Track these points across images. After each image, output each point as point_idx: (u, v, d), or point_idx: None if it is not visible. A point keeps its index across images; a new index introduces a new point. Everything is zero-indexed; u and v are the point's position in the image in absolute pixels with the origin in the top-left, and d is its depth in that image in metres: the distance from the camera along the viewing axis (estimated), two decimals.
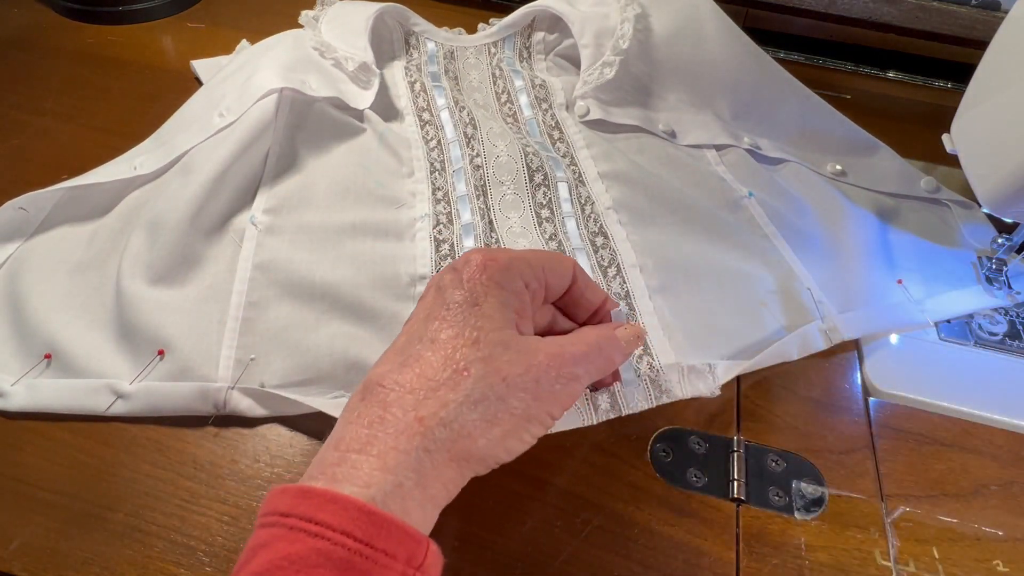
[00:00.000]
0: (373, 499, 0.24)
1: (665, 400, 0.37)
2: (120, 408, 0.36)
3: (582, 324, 0.34)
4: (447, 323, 0.28)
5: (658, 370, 0.38)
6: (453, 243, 0.44)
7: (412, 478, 0.25)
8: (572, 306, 0.34)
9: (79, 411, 0.36)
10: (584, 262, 0.43)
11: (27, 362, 0.38)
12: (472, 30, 0.61)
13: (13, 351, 0.38)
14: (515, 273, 0.30)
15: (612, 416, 0.36)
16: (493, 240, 0.44)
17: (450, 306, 0.29)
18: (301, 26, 0.57)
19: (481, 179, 0.48)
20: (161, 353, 0.38)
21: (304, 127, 0.49)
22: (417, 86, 0.56)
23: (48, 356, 0.38)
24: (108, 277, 0.41)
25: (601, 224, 0.45)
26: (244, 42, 0.60)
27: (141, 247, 0.41)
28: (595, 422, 0.36)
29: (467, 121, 0.52)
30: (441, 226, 0.45)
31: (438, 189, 0.48)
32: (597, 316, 0.34)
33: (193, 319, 0.39)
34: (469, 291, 0.29)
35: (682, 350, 0.39)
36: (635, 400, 0.37)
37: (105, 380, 0.37)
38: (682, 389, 0.37)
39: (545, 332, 0.33)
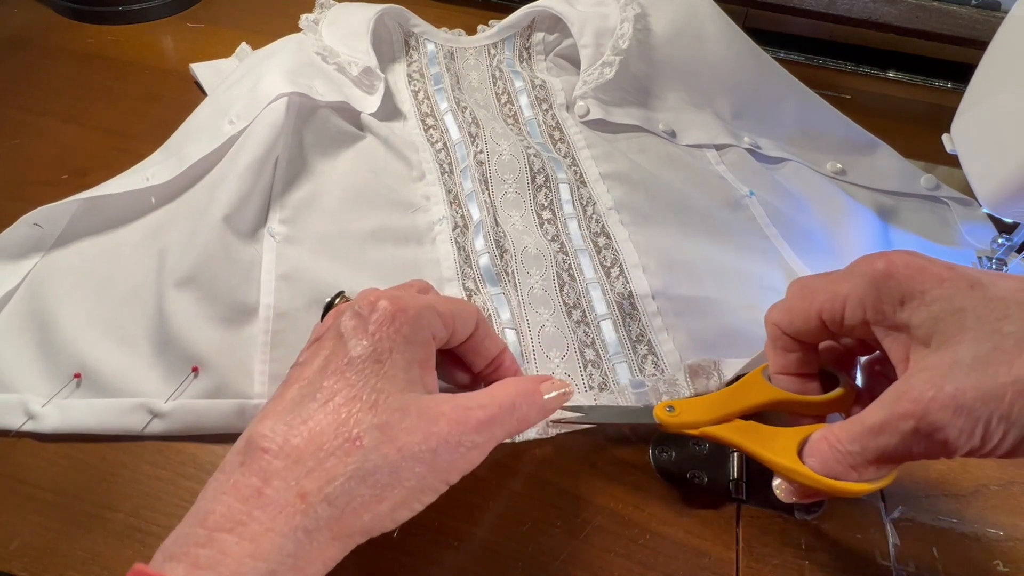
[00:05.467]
0: None
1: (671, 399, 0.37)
2: (156, 427, 0.35)
3: (477, 374, 0.33)
4: (346, 381, 0.26)
5: (663, 369, 0.38)
6: (465, 245, 0.44)
7: (288, 563, 0.23)
8: (471, 354, 0.32)
9: (114, 431, 0.35)
10: (587, 263, 0.43)
11: (56, 382, 0.37)
12: (472, 31, 0.61)
13: (41, 371, 0.37)
14: (424, 324, 0.28)
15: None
16: (500, 236, 0.44)
17: (352, 361, 0.26)
18: (302, 29, 0.57)
19: (484, 175, 0.48)
20: (195, 370, 0.37)
21: (310, 133, 0.49)
22: (418, 86, 0.56)
23: (78, 375, 0.37)
24: (135, 292, 0.40)
25: (603, 225, 0.45)
26: (244, 45, 0.60)
27: (172, 264, 0.40)
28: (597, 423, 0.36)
29: (470, 121, 0.52)
30: (459, 229, 0.45)
31: (450, 191, 0.48)
32: (493, 366, 0.33)
33: (225, 334, 0.38)
34: (374, 345, 0.27)
35: (685, 349, 0.39)
36: (643, 400, 0.37)
37: (140, 399, 0.36)
38: (688, 388, 0.37)
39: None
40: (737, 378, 0.34)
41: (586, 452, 0.36)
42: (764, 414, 0.32)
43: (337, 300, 0.32)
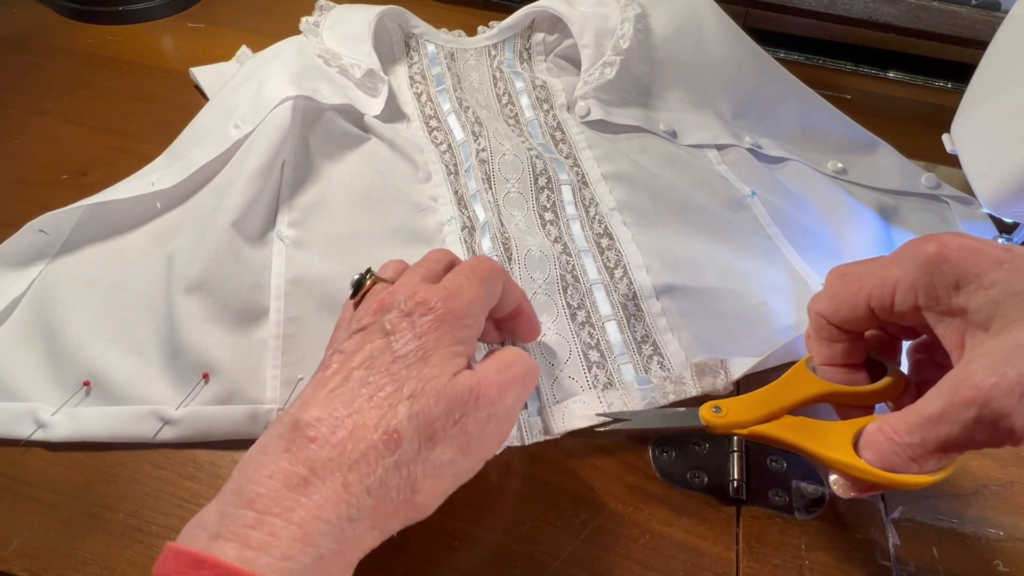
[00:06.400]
0: (292, 572, 0.23)
1: (676, 399, 0.37)
2: (168, 435, 0.35)
3: (499, 320, 0.34)
4: (391, 377, 0.27)
5: (669, 369, 0.38)
6: (473, 246, 0.44)
7: (334, 548, 0.24)
8: (494, 309, 0.32)
9: (125, 439, 0.35)
10: (590, 264, 0.43)
11: (65, 390, 0.36)
12: (472, 32, 0.61)
13: (50, 379, 0.37)
14: (470, 323, 0.29)
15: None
16: (506, 237, 0.44)
17: (396, 359, 0.27)
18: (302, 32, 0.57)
19: (487, 173, 0.48)
20: (206, 377, 0.37)
21: (315, 136, 0.49)
22: (421, 88, 0.56)
23: (87, 383, 0.37)
24: (143, 298, 0.40)
25: (606, 225, 0.45)
26: (244, 48, 0.59)
27: (180, 269, 0.40)
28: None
29: (473, 120, 0.52)
30: (467, 230, 0.45)
31: (456, 192, 0.48)
32: (512, 314, 0.33)
33: (236, 340, 0.38)
34: (420, 346, 0.27)
35: (691, 349, 0.39)
36: (648, 398, 0.37)
37: (150, 406, 0.36)
38: (695, 386, 0.38)
39: None
40: (755, 380, 0.34)
41: (586, 452, 0.36)
42: (807, 408, 0.31)
43: (368, 278, 0.32)
